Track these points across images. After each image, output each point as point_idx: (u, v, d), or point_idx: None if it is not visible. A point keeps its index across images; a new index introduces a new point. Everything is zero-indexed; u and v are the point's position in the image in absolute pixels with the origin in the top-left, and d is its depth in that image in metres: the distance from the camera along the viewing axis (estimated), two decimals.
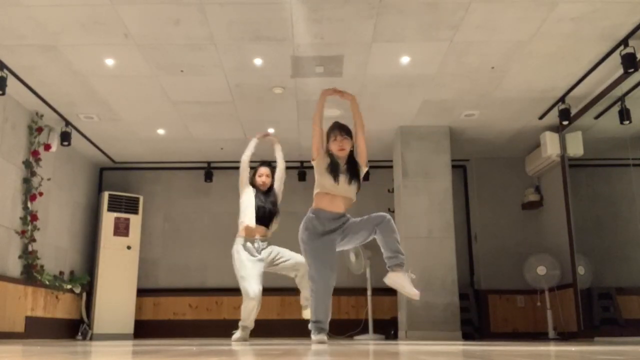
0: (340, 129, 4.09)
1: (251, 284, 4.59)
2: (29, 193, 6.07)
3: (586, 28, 4.59)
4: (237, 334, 4.79)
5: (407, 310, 6.34)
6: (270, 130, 6.84)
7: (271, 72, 5.36)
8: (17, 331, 5.73)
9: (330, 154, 4.03)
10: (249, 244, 4.75)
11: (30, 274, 6.03)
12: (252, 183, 4.91)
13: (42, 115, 6.19)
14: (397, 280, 3.92)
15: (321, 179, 3.98)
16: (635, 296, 5.76)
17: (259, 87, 5.68)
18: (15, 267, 5.87)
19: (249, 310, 4.66)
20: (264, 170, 4.93)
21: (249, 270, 4.68)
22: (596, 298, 6.13)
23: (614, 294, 6.08)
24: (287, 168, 5.16)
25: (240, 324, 4.77)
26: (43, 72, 5.29)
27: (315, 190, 4.00)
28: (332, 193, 3.95)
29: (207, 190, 8.10)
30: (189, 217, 8.05)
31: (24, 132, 6.05)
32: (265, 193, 4.88)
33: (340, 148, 4.01)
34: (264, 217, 4.80)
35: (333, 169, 3.95)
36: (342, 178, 3.96)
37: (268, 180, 4.91)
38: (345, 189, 3.96)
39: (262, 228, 4.81)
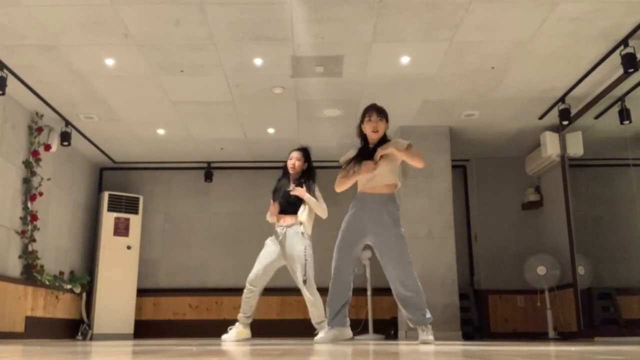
0: (377, 110, 4.07)
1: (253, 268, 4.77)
2: (29, 193, 6.07)
3: (586, 28, 4.59)
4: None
5: None
6: (270, 130, 6.85)
7: (271, 72, 5.36)
8: (17, 331, 5.73)
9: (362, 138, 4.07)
10: (275, 229, 4.84)
11: (30, 274, 6.03)
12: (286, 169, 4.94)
13: (42, 115, 6.19)
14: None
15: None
16: (635, 296, 5.76)
17: (259, 87, 5.68)
18: (15, 267, 5.87)
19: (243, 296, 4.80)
20: (293, 153, 4.93)
21: (260, 254, 4.84)
22: (596, 298, 6.13)
23: (614, 294, 6.08)
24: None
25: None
26: (43, 72, 5.29)
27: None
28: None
29: (207, 190, 8.11)
30: (189, 217, 8.05)
31: (24, 132, 6.05)
32: (295, 179, 4.87)
33: (373, 130, 4.02)
34: (288, 203, 4.80)
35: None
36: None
37: (298, 164, 4.87)
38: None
39: (286, 216, 4.81)
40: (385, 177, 4.03)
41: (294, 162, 4.85)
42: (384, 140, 4.08)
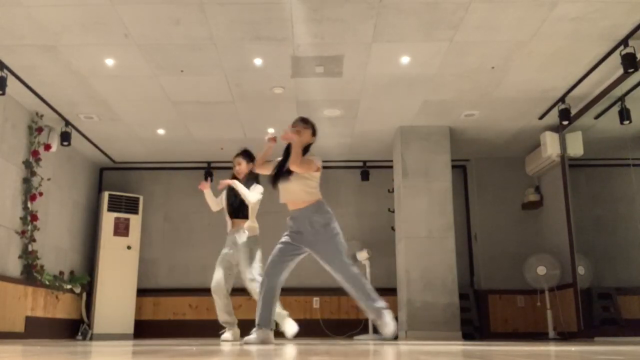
0: (298, 120, 4.23)
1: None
2: (29, 193, 6.07)
3: (586, 28, 4.59)
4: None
5: (407, 310, 6.34)
6: (270, 130, 6.84)
7: (271, 72, 5.36)
8: (17, 331, 5.73)
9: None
10: (228, 236, 5.02)
11: (30, 274, 6.03)
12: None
13: (42, 115, 6.19)
14: None
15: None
16: (635, 296, 5.76)
17: (259, 87, 5.68)
18: (15, 267, 5.87)
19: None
20: (237, 159, 5.10)
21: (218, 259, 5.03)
22: (596, 298, 6.13)
23: (614, 294, 6.08)
24: None
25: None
26: (43, 72, 5.29)
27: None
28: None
29: None
30: (189, 217, 8.04)
31: (24, 132, 6.05)
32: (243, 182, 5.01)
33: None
34: (235, 209, 4.99)
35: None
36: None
37: (242, 168, 5.03)
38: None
39: (236, 220, 5.01)
40: (298, 195, 4.03)
41: (237, 167, 5.03)
42: (306, 149, 4.16)
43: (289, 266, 4.02)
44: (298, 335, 4.49)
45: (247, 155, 5.08)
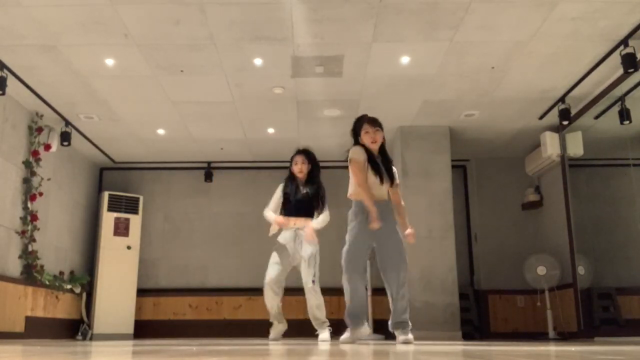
0: (371, 121, 4.22)
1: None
2: (29, 193, 6.07)
3: (586, 28, 4.59)
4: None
5: None
6: (270, 130, 6.84)
7: (271, 72, 5.36)
8: (17, 331, 5.73)
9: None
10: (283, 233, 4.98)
11: (30, 274, 6.03)
12: (291, 173, 5.07)
13: (42, 115, 6.19)
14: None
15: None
16: (635, 296, 5.76)
17: (259, 87, 5.68)
18: (15, 267, 5.87)
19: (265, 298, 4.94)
20: (297, 158, 5.06)
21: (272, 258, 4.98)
22: (596, 298, 6.14)
23: (614, 294, 6.08)
24: (287, 168, 5.19)
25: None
26: (43, 72, 5.29)
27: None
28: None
29: (207, 190, 8.10)
30: (189, 217, 8.05)
31: (24, 132, 6.05)
32: (303, 182, 5.01)
33: (372, 140, 4.15)
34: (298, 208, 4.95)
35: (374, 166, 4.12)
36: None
37: (304, 168, 5.01)
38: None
39: (298, 219, 4.97)
40: (387, 189, 4.24)
41: (300, 166, 4.98)
42: (383, 149, 4.26)
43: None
44: (298, 335, 4.49)
45: (309, 155, 5.08)
